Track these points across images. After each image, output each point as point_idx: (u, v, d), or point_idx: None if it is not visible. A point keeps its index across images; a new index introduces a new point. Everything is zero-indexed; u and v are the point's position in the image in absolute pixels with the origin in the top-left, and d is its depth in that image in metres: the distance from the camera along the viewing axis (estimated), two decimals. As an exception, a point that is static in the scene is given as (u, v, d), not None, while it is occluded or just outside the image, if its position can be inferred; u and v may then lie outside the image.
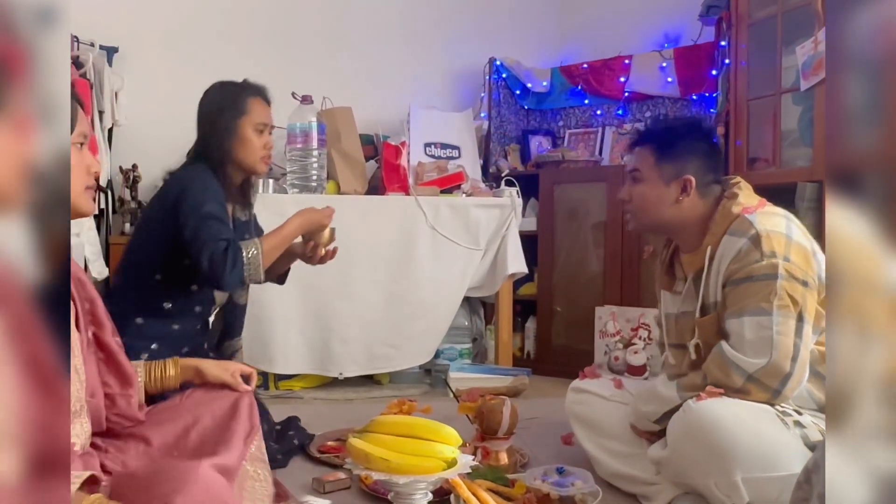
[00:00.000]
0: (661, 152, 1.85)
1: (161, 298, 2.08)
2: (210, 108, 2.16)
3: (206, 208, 1.99)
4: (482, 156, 3.95)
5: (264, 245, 2.05)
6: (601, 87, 4.00)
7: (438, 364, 3.45)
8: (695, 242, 1.86)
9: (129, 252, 2.17)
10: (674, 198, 1.84)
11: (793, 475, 1.52)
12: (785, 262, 1.67)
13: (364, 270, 3.18)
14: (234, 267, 1.96)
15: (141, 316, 2.04)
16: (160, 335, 2.05)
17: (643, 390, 1.91)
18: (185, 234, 1.98)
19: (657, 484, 1.83)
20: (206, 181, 2.06)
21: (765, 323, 1.65)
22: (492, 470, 1.94)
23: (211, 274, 1.95)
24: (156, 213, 2.11)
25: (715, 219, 1.81)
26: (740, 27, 3.06)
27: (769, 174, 2.97)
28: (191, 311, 2.15)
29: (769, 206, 1.82)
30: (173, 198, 2.03)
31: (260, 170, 2.20)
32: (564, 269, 3.75)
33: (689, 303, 1.88)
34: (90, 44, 3.24)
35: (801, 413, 1.66)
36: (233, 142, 2.13)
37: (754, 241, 1.70)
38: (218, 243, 1.95)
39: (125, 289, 2.11)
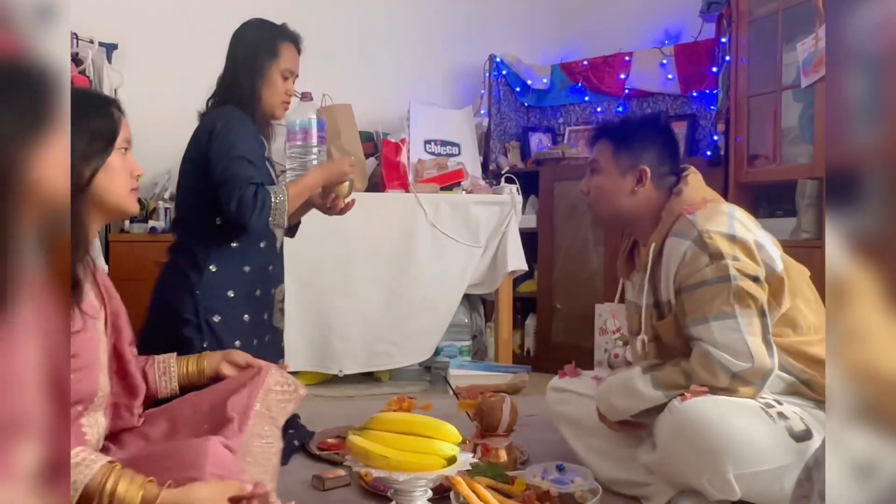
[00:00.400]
0: (617, 144, 1.89)
1: (227, 240, 2.08)
2: (246, 45, 2.15)
3: (236, 149, 2.00)
4: (482, 153, 3.95)
5: (290, 191, 2.06)
6: (601, 84, 3.99)
7: (438, 361, 3.45)
8: (649, 235, 1.88)
9: (182, 204, 2.19)
10: (629, 188, 1.87)
11: (781, 467, 1.57)
12: (734, 262, 1.69)
13: (364, 268, 3.18)
14: (262, 211, 1.98)
15: (213, 263, 2.05)
16: (235, 280, 2.07)
17: (615, 383, 1.86)
18: (215, 175, 2.00)
19: (652, 485, 1.83)
20: (236, 120, 2.06)
21: (731, 325, 1.67)
22: (492, 467, 1.94)
23: (237, 215, 1.97)
24: (194, 157, 2.10)
25: (662, 216, 1.84)
26: (741, 24, 3.05)
27: (770, 171, 2.97)
28: (257, 249, 2.15)
29: (712, 203, 1.83)
30: (206, 139, 2.04)
31: (278, 114, 2.21)
32: (564, 266, 3.75)
33: (642, 295, 1.89)
34: (89, 41, 3.24)
35: (780, 403, 1.68)
36: (260, 82, 2.13)
37: (699, 244, 1.72)
38: (248, 186, 1.97)
39: (191, 240, 2.09)
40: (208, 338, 2.01)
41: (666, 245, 1.80)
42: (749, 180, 3.03)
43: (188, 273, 2.04)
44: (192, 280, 2.03)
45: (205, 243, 2.07)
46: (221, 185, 1.99)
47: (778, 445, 1.60)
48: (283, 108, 2.21)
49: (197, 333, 2.00)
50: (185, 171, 2.16)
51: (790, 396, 1.74)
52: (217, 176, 2.00)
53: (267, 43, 2.15)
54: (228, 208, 1.97)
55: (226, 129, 2.03)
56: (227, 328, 2.04)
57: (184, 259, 2.08)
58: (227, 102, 2.12)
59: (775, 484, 1.58)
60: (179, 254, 2.11)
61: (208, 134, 2.04)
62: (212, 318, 2.03)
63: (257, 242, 2.15)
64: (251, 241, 2.12)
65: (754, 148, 3.07)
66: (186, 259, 2.07)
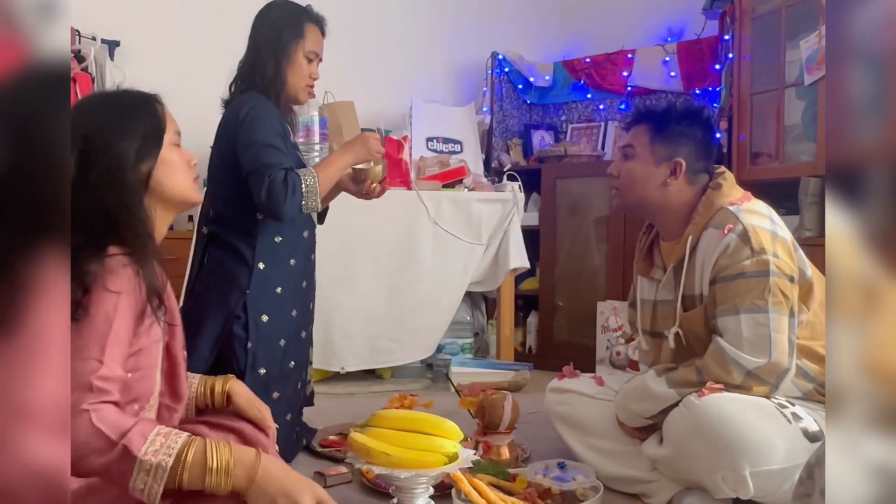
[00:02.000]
0: (656, 132, 1.85)
1: (271, 234, 2.06)
2: (270, 24, 2.11)
3: (263, 136, 1.97)
4: (484, 150, 3.94)
5: (320, 174, 2.03)
6: (604, 82, 3.99)
7: (440, 359, 3.45)
8: (676, 230, 1.86)
9: (219, 199, 2.13)
10: (662, 179, 1.83)
11: (795, 466, 1.55)
12: (775, 259, 1.68)
13: (366, 265, 3.18)
14: (293, 195, 1.95)
15: (261, 260, 2.04)
16: (283, 276, 2.07)
17: (631, 388, 1.87)
18: (244, 166, 1.98)
19: (655, 481, 1.83)
20: (260, 108, 2.03)
21: (761, 320, 1.66)
22: (493, 464, 1.94)
23: (269, 203, 1.94)
24: (224, 150, 2.07)
25: (698, 209, 1.81)
26: (744, 21, 3.05)
27: (772, 169, 2.97)
28: (301, 240, 2.13)
29: (752, 200, 1.82)
30: (232, 129, 2.01)
31: (301, 98, 2.18)
32: (566, 263, 3.75)
33: (668, 291, 1.87)
34: (92, 37, 3.24)
35: (793, 404, 1.68)
36: (285, 62, 2.10)
37: (742, 238, 1.70)
38: (277, 171, 1.94)
39: (235, 237, 2.06)
40: (253, 337, 2.01)
41: (704, 236, 1.78)
42: (752, 178, 3.02)
43: (234, 271, 2.03)
44: (240, 280, 2.02)
45: (250, 241, 2.04)
46: (251, 174, 1.96)
47: (793, 444, 1.59)
48: (306, 92, 2.17)
49: (244, 332, 2.00)
50: (216, 165, 2.13)
51: (803, 401, 1.73)
52: (246, 166, 1.97)
53: (292, 23, 2.12)
54: (260, 198, 1.94)
55: (251, 117, 1.99)
56: (275, 327, 2.05)
57: (228, 256, 2.06)
58: (251, 87, 2.08)
59: (786, 483, 1.57)
60: (223, 250, 2.08)
61: (234, 124, 2.01)
62: (260, 317, 2.02)
63: (301, 233, 2.13)
64: (295, 234, 2.11)
65: (757, 145, 3.06)
66: (231, 256, 2.05)
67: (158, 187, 1.27)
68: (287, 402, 2.10)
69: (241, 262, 2.04)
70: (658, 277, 1.92)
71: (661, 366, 1.83)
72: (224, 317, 2.01)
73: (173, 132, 1.31)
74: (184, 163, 1.32)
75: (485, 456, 2.02)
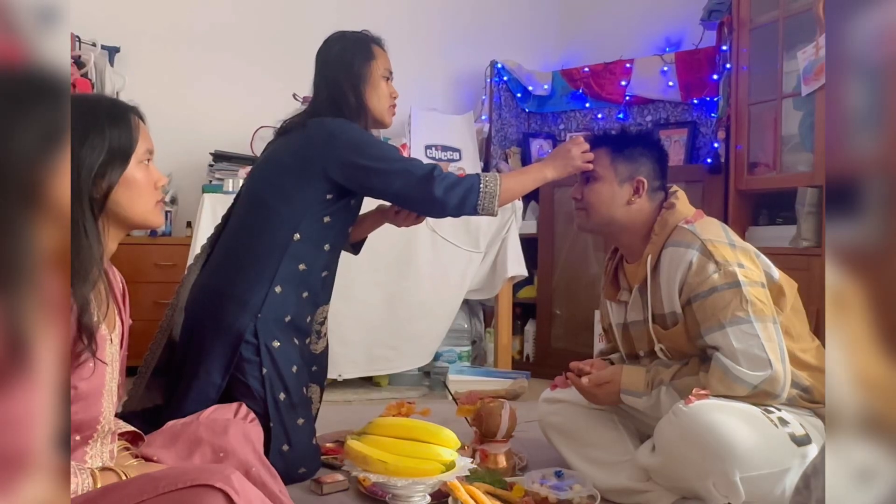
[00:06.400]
0: (616, 153, 1.91)
1: (296, 261, 1.99)
2: (337, 56, 2.07)
3: (392, 152, 1.94)
4: (483, 158, 3.95)
5: (506, 180, 1.98)
6: (602, 91, 4.00)
7: (438, 366, 3.44)
8: (638, 249, 1.90)
9: (247, 216, 2.04)
10: (626, 198, 1.88)
11: (784, 470, 1.60)
12: (741, 269, 1.72)
13: (364, 272, 3.17)
14: (470, 194, 1.93)
15: (279, 284, 1.97)
16: (294, 304, 2.01)
17: (645, 407, 1.82)
18: (380, 179, 1.92)
19: (650, 491, 1.83)
20: (366, 132, 1.98)
21: (748, 330, 1.68)
22: (490, 473, 1.94)
23: (446, 197, 1.90)
24: (292, 171, 1.97)
25: (654, 228, 1.86)
26: (742, 31, 3.06)
27: (770, 179, 2.97)
28: (318, 271, 2.06)
29: (705, 217, 1.87)
30: (317, 152, 1.94)
31: (387, 121, 2.11)
32: (564, 272, 3.75)
33: (636, 312, 1.91)
34: (92, 43, 3.25)
35: (779, 409, 1.70)
36: (364, 86, 2.04)
37: (704, 253, 1.74)
38: (425, 167, 1.92)
39: (257, 254, 1.98)
40: (267, 363, 1.94)
41: (664, 255, 1.82)
42: (749, 188, 3.03)
43: (247, 291, 1.96)
44: (252, 301, 1.95)
45: (273, 263, 1.97)
46: (411, 181, 1.91)
47: (781, 449, 1.62)
48: (390, 112, 2.12)
49: (255, 356, 1.94)
50: (258, 185, 2.05)
51: (787, 405, 1.74)
52: (396, 178, 1.92)
53: (359, 49, 2.09)
54: (432, 195, 1.89)
55: (365, 138, 1.95)
56: (285, 355, 1.98)
57: (242, 273, 1.98)
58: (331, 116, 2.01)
59: (777, 487, 1.60)
60: (236, 267, 2.00)
61: (328, 139, 1.94)
62: (272, 343, 1.95)
63: (321, 270, 2.05)
64: (317, 266, 2.04)
65: (754, 155, 3.07)
66: (246, 274, 1.98)
67: (115, 207, 1.19)
68: (310, 426, 2.09)
69: (257, 281, 1.96)
70: (625, 299, 1.95)
71: (669, 371, 1.81)
72: (230, 333, 1.94)
73: (145, 149, 1.23)
74: (149, 184, 1.24)
75: (482, 464, 2.01)
